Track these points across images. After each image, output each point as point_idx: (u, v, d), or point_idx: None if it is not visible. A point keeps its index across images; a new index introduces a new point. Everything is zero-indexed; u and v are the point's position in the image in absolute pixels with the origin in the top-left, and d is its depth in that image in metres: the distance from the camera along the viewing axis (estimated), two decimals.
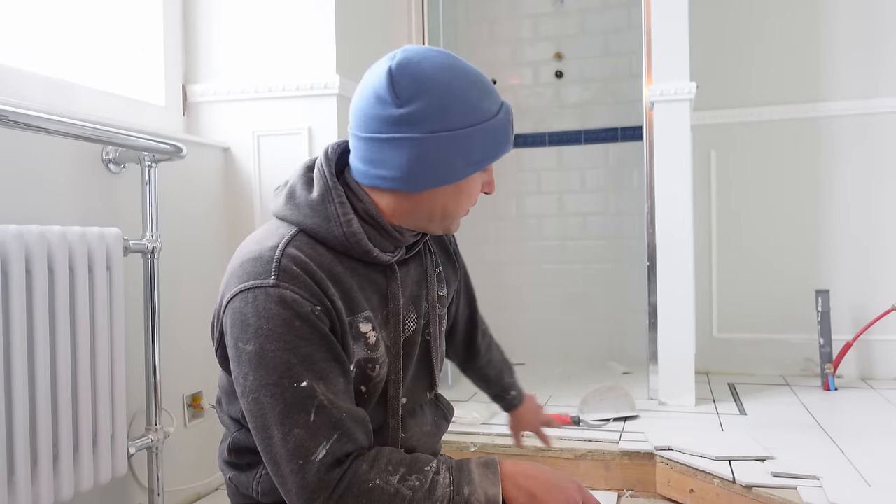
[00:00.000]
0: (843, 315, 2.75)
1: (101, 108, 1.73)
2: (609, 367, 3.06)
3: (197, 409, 1.88)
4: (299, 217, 0.91)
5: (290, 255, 0.87)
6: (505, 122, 0.92)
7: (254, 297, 0.84)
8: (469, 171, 0.90)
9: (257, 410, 0.84)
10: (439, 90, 0.87)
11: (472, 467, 0.87)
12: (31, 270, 1.23)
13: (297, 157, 1.99)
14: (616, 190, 3.30)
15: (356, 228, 0.91)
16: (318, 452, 0.82)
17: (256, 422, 0.85)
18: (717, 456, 1.71)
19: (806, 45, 2.84)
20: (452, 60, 0.92)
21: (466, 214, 0.99)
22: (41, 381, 1.24)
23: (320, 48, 1.99)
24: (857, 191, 2.80)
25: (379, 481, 0.83)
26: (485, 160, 0.91)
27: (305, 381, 0.83)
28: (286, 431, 0.82)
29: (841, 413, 2.21)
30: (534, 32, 3.41)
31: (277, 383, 0.83)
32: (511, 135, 0.93)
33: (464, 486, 0.85)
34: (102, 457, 1.38)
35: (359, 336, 0.93)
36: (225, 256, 2.02)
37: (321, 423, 0.83)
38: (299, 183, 0.94)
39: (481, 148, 0.90)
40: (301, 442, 0.82)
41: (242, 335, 0.84)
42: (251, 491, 0.98)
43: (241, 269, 0.87)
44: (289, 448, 0.82)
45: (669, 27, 2.30)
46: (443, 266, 1.12)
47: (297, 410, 0.82)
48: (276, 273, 0.85)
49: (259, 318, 0.83)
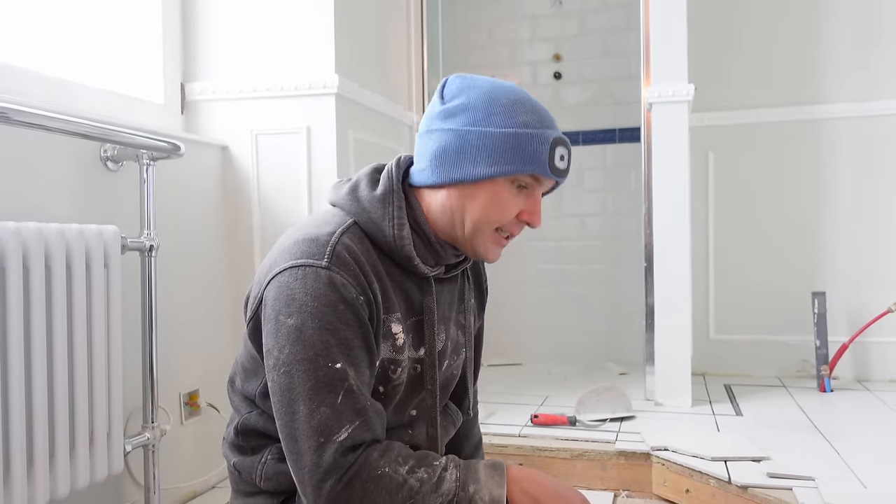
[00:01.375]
0: (839, 317, 2.76)
1: (99, 106, 1.73)
2: (606, 367, 3.06)
3: (193, 408, 1.88)
4: (357, 210, 0.96)
5: (344, 243, 0.91)
6: (543, 143, 0.92)
7: (304, 275, 0.87)
8: (490, 172, 0.92)
9: (287, 384, 0.86)
10: (482, 94, 0.94)
11: (479, 467, 0.90)
12: (28, 267, 1.23)
13: (296, 156, 1.99)
14: (614, 191, 3.31)
15: (406, 233, 0.94)
16: (341, 434, 0.85)
17: (283, 395, 0.87)
18: (713, 456, 1.71)
19: (804, 47, 2.85)
20: (510, 84, 0.97)
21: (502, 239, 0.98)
22: (38, 378, 1.24)
23: (319, 48, 1.99)
24: (854, 193, 2.81)
25: (388, 469, 0.86)
26: (510, 167, 0.92)
27: (340, 363, 0.86)
28: (313, 408, 0.85)
29: (836, 414, 2.21)
30: (532, 33, 3.41)
31: (313, 360, 0.85)
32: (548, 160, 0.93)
33: (469, 483, 0.87)
34: (99, 454, 1.38)
35: (388, 335, 0.95)
36: (223, 254, 2.02)
37: (347, 407, 0.85)
38: (365, 180, 0.99)
39: (509, 154, 0.92)
40: (326, 421, 0.84)
41: (286, 308, 0.87)
42: (254, 476, 0.99)
43: (296, 246, 0.91)
44: (312, 425, 0.84)
45: (668, 29, 2.31)
46: (475, 298, 1.16)
47: (327, 390, 0.85)
48: (329, 256, 0.88)
49: (306, 295, 0.86)
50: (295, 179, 1.99)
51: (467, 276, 1.11)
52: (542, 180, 0.96)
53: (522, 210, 0.96)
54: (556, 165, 0.94)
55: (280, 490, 0.98)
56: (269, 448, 0.99)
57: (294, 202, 1.99)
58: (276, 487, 0.98)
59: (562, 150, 0.94)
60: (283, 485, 0.97)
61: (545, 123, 0.94)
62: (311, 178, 1.98)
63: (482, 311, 1.21)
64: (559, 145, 0.94)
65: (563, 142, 0.95)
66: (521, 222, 0.97)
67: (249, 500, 1.01)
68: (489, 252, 0.98)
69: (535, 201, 0.97)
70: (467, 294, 1.09)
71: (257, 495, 1.01)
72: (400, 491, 0.85)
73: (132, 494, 1.65)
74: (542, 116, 0.95)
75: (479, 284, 1.18)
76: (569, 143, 0.97)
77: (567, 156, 0.95)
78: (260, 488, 1.00)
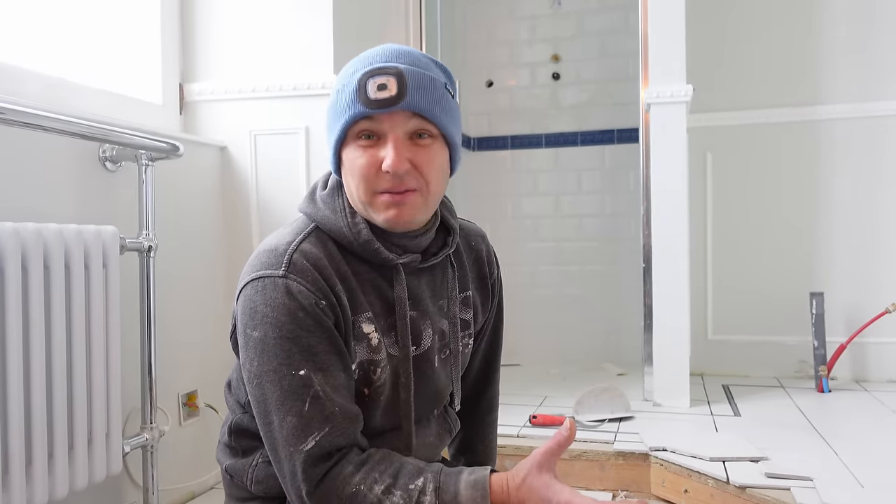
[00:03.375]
0: (837, 317, 2.77)
1: (98, 107, 1.73)
2: (604, 368, 3.07)
3: (192, 408, 1.88)
4: (314, 211, 0.96)
5: (302, 250, 0.90)
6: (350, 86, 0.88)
7: (263, 286, 0.88)
8: (331, 141, 0.92)
9: (259, 395, 0.87)
10: None
11: (461, 488, 0.84)
12: (27, 268, 1.23)
13: (294, 156, 1.99)
14: (612, 192, 3.31)
15: (359, 220, 0.93)
16: (308, 443, 0.84)
17: (259, 407, 0.88)
18: (712, 457, 1.72)
19: (802, 48, 2.85)
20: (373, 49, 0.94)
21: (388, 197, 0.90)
22: (36, 378, 1.24)
23: (318, 48, 1.99)
24: (852, 194, 2.81)
25: (363, 487, 0.84)
26: (335, 126, 0.91)
27: (304, 370, 0.85)
28: (281, 417, 0.85)
29: (834, 415, 2.22)
30: (531, 34, 3.41)
31: (277, 370, 0.85)
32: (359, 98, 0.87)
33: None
34: (97, 455, 1.38)
35: (361, 336, 0.93)
36: (221, 255, 2.02)
37: (314, 414, 0.85)
38: (320, 182, 1.00)
39: (332, 115, 0.92)
40: (293, 430, 0.84)
41: (250, 322, 0.88)
42: (245, 480, 0.99)
43: (256, 259, 0.92)
44: (284, 434, 0.85)
45: (666, 30, 2.31)
46: (475, 291, 1.10)
47: (293, 398, 0.85)
48: (286, 265, 0.88)
49: (266, 307, 0.87)
50: (293, 180, 1.99)
51: (453, 264, 1.05)
52: (377, 118, 0.87)
53: (381, 160, 0.89)
54: (371, 96, 0.86)
55: (271, 495, 0.98)
56: (259, 451, 0.99)
57: (293, 203, 1.99)
58: (267, 492, 0.98)
59: (379, 78, 0.86)
60: (273, 489, 0.97)
61: (363, 66, 0.89)
62: (309, 179, 1.98)
63: (487, 306, 1.14)
64: (373, 76, 0.87)
65: (379, 70, 0.87)
66: (387, 173, 0.88)
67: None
68: (389, 216, 0.90)
69: (386, 145, 0.88)
70: (451, 283, 1.04)
71: (250, 501, 1.00)
72: None
73: (131, 495, 1.65)
74: (359, 63, 0.91)
75: (483, 277, 1.12)
76: (394, 68, 0.87)
77: (392, 82, 0.86)
78: (252, 493, 1.00)
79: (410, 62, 0.90)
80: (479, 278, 1.11)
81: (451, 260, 1.04)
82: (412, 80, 0.87)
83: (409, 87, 0.87)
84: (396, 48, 0.92)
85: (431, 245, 1.00)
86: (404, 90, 0.87)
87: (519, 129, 3.41)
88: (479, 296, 1.11)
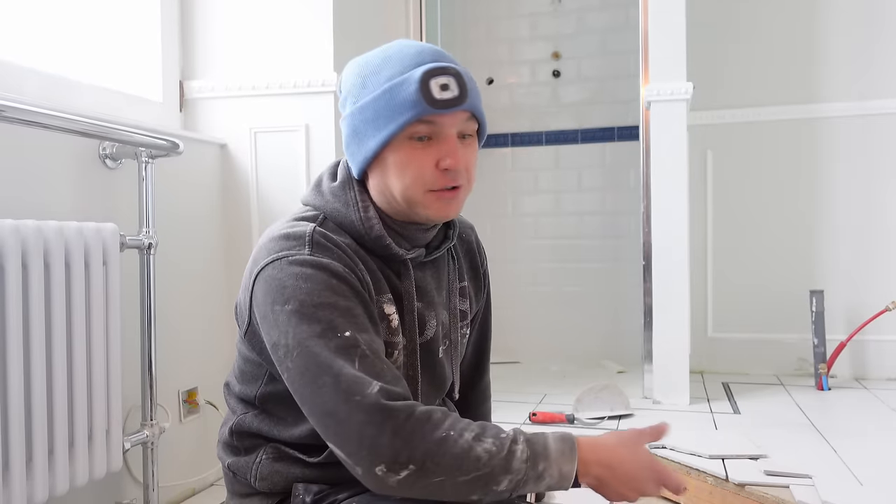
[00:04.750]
0: (837, 315, 2.77)
1: (97, 104, 1.73)
2: (604, 365, 3.07)
3: (192, 405, 1.88)
4: (323, 203, 0.95)
5: (321, 232, 0.90)
6: (411, 84, 0.86)
7: (288, 263, 0.86)
8: (378, 141, 0.89)
9: (302, 366, 0.82)
10: (357, 71, 0.93)
11: (549, 441, 0.82)
12: (27, 265, 1.23)
13: (295, 154, 1.99)
14: (612, 190, 3.31)
15: (372, 214, 0.93)
16: (373, 387, 0.79)
17: (302, 378, 0.82)
18: (711, 454, 1.72)
19: (803, 46, 2.85)
20: (389, 45, 0.93)
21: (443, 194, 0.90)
22: (37, 375, 1.24)
23: (318, 45, 1.99)
24: (853, 192, 2.81)
25: (453, 433, 0.78)
26: (390, 126, 0.87)
27: (349, 331, 0.83)
28: (336, 375, 0.80)
29: (834, 413, 2.22)
30: (531, 31, 3.41)
31: (321, 335, 0.82)
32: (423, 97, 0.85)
33: (539, 461, 0.80)
34: (97, 452, 1.38)
35: (383, 317, 0.93)
36: (221, 253, 2.02)
37: (365, 370, 0.81)
38: (326, 174, 0.99)
39: (385, 113, 0.88)
40: (354, 381, 0.79)
41: (279, 297, 0.85)
42: (249, 477, 0.98)
43: (272, 243, 0.89)
44: (342, 389, 0.79)
45: (667, 27, 2.31)
46: (469, 282, 1.11)
47: (343, 358, 0.81)
48: (309, 245, 0.88)
49: (296, 279, 0.85)
50: (294, 177, 1.99)
51: (453, 257, 1.06)
52: (438, 120, 0.87)
53: (438, 159, 0.88)
54: (436, 97, 0.85)
55: (275, 490, 0.98)
56: (263, 448, 0.98)
57: (293, 200, 1.99)
58: (271, 488, 0.97)
59: (441, 79, 0.86)
60: (277, 485, 0.97)
61: (413, 64, 0.88)
62: (309, 176, 1.98)
63: (479, 296, 1.15)
64: (435, 76, 0.86)
65: (440, 70, 0.86)
66: (446, 171, 0.89)
67: (245, 501, 1.01)
68: (438, 212, 0.92)
69: (447, 144, 0.88)
70: (452, 275, 1.05)
71: (252, 496, 1.00)
72: (466, 458, 0.77)
73: (131, 492, 1.65)
74: (408, 59, 0.89)
75: (475, 268, 1.14)
76: (452, 68, 0.87)
77: (453, 82, 0.86)
78: (255, 489, 0.99)
79: (452, 61, 0.91)
80: (471, 269, 1.13)
81: (451, 252, 1.06)
82: (468, 81, 0.89)
83: (469, 88, 0.88)
84: (428, 46, 0.92)
85: (434, 238, 1.01)
86: (465, 91, 0.87)
87: (519, 127, 3.41)
88: (473, 286, 1.13)
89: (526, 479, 0.79)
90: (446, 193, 0.91)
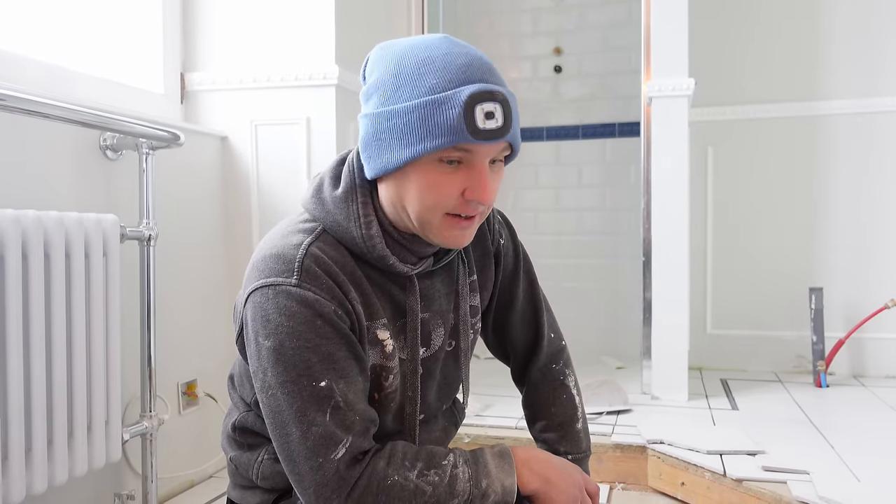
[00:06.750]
0: (835, 313, 2.77)
1: (98, 95, 1.72)
2: (603, 361, 3.07)
3: (191, 397, 1.88)
4: (323, 214, 0.89)
5: (312, 254, 0.84)
6: (454, 106, 0.78)
7: (274, 294, 0.82)
8: (405, 156, 0.81)
9: (275, 406, 0.83)
10: (391, 64, 0.83)
11: (488, 459, 0.87)
12: (27, 255, 1.23)
13: (295, 147, 1.99)
14: (613, 186, 3.31)
15: (374, 232, 0.87)
16: (338, 451, 0.81)
17: (275, 418, 0.83)
18: (709, 450, 1.72)
19: (804, 43, 2.85)
20: (428, 40, 0.84)
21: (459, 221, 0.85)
22: (36, 366, 1.24)
23: (320, 38, 1.99)
24: (853, 189, 2.81)
25: (397, 477, 0.82)
26: (424, 145, 0.79)
27: (325, 380, 0.82)
28: (304, 430, 0.81)
29: (832, 409, 2.22)
30: (533, 27, 3.41)
31: (296, 381, 0.81)
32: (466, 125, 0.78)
33: (481, 479, 0.85)
34: (97, 442, 1.38)
35: (375, 342, 0.90)
36: (222, 245, 2.02)
37: (337, 424, 0.82)
38: (328, 177, 0.91)
39: (419, 130, 0.79)
40: (320, 440, 0.81)
41: (263, 330, 0.83)
42: (251, 473, 0.99)
43: (264, 263, 0.85)
44: (308, 446, 0.81)
45: (669, 23, 2.30)
46: (480, 272, 1.05)
47: (315, 409, 0.81)
48: (298, 273, 0.83)
49: (280, 316, 0.81)
50: (294, 170, 1.99)
51: (462, 259, 1.00)
52: (475, 149, 0.80)
53: (465, 187, 0.82)
54: (480, 126, 0.78)
55: (277, 488, 0.98)
56: (265, 447, 0.98)
57: (293, 193, 1.99)
58: (273, 486, 0.98)
59: (487, 106, 0.78)
60: (279, 483, 0.97)
61: (458, 80, 0.79)
62: (310, 170, 1.98)
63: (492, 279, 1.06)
64: (480, 102, 0.78)
65: (488, 95, 0.78)
66: (469, 201, 0.83)
67: (246, 493, 1.01)
68: (448, 239, 0.86)
69: (478, 174, 0.82)
70: (462, 278, 1.00)
71: (254, 489, 1.00)
72: (413, 500, 0.82)
73: (130, 483, 1.65)
74: (454, 73, 0.80)
75: (487, 250, 1.05)
76: (500, 92, 0.80)
77: (498, 110, 0.79)
78: (257, 485, 1.00)
79: (499, 80, 0.84)
80: (483, 255, 1.06)
81: (460, 255, 1.01)
82: (513, 108, 0.82)
83: (513, 117, 0.81)
84: (476, 57, 0.84)
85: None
86: (510, 122, 0.80)
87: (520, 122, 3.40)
88: (486, 272, 1.06)
89: (472, 499, 0.83)
90: (463, 221, 0.85)
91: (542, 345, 1.12)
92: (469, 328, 1.03)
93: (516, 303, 1.10)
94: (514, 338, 1.12)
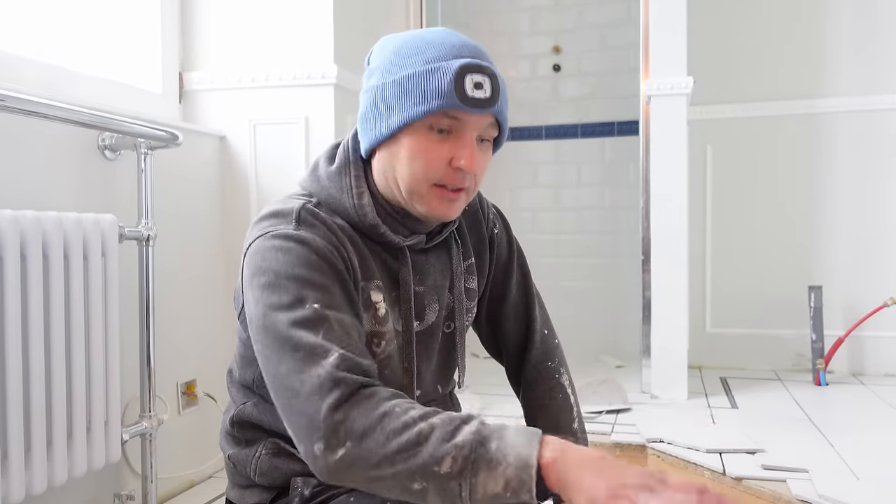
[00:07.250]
0: (835, 311, 2.77)
1: (97, 95, 1.72)
2: (602, 360, 3.07)
3: (191, 398, 1.88)
4: (318, 188, 0.93)
5: (309, 210, 0.89)
6: (446, 73, 0.83)
7: (273, 237, 0.85)
8: (398, 121, 0.86)
9: (267, 338, 0.81)
10: (394, 46, 0.90)
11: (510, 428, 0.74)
12: (25, 256, 1.23)
13: (294, 146, 1.99)
14: (611, 185, 3.31)
15: (366, 201, 0.91)
16: (331, 355, 0.77)
17: (268, 350, 0.81)
18: (708, 448, 1.72)
19: (804, 40, 2.85)
20: (432, 31, 0.91)
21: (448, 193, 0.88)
22: (35, 366, 1.24)
23: (318, 38, 1.99)
24: (852, 187, 2.81)
25: (398, 409, 0.75)
26: (415, 110, 0.84)
27: (318, 304, 0.81)
28: (295, 345, 0.78)
29: (831, 408, 2.22)
30: (532, 26, 3.40)
31: (289, 306, 0.80)
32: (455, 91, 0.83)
33: (492, 440, 0.72)
34: (96, 443, 1.38)
35: (368, 304, 0.91)
36: (220, 244, 2.02)
37: (331, 339, 0.79)
38: (323, 157, 0.97)
39: (412, 96, 0.85)
40: (311, 350, 0.78)
41: (258, 270, 0.84)
42: (248, 470, 0.99)
43: (262, 220, 0.89)
44: (298, 356, 0.78)
45: (667, 22, 2.30)
46: (477, 256, 1.08)
47: (308, 328, 0.79)
48: (297, 221, 0.87)
49: (275, 252, 0.84)
50: (293, 170, 1.99)
51: (455, 239, 1.03)
52: (463, 117, 0.85)
53: (453, 156, 0.87)
54: (468, 93, 0.83)
55: (275, 485, 0.98)
56: (263, 442, 0.98)
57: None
58: (271, 482, 0.98)
59: (476, 76, 0.84)
60: (277, 480, 0.97)
61: (453, 54, 0.86)
62: None
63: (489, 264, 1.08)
64: (470, 72, 0.84)
65: (477, 67, 0.84)
66: (458, 170, 0.87)
67: (245, 493, 1.01)
68: (437, 210, 0.89)
69: (465, 143, 0.86)
70: (457, 259, 1.02)
71: (252, 488, 1.01)
72: (406, 431, 0.72)
73: (129, 483, 1.65)
74: (449, 49, 0.86)
75: (482, 238, 1.08)
76: (489, 69, 0.86)
77: (487, 83, 0.84)
78: (255, 482, 1.00)
79: (491, 63, 0.89)
80: (479, 241, 1.08)
81: (454, 236, 1.03)
82: (502, 85, 0.87)
83: (501, 93, 0.87)
84: (472, 41, 0.90)
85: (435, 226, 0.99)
86: (497, 94, 0.86)
87: (519, 121, 3.40)
88: (480, 259, 1.09)
89: (475, 460, 0.70)
90: (450, 193, 0.89)
91: (534, 339, 1.12)
92: (465, 310, 1.04)
93: (509, 295, 1.11)
94: (507, 332, 1.13)
